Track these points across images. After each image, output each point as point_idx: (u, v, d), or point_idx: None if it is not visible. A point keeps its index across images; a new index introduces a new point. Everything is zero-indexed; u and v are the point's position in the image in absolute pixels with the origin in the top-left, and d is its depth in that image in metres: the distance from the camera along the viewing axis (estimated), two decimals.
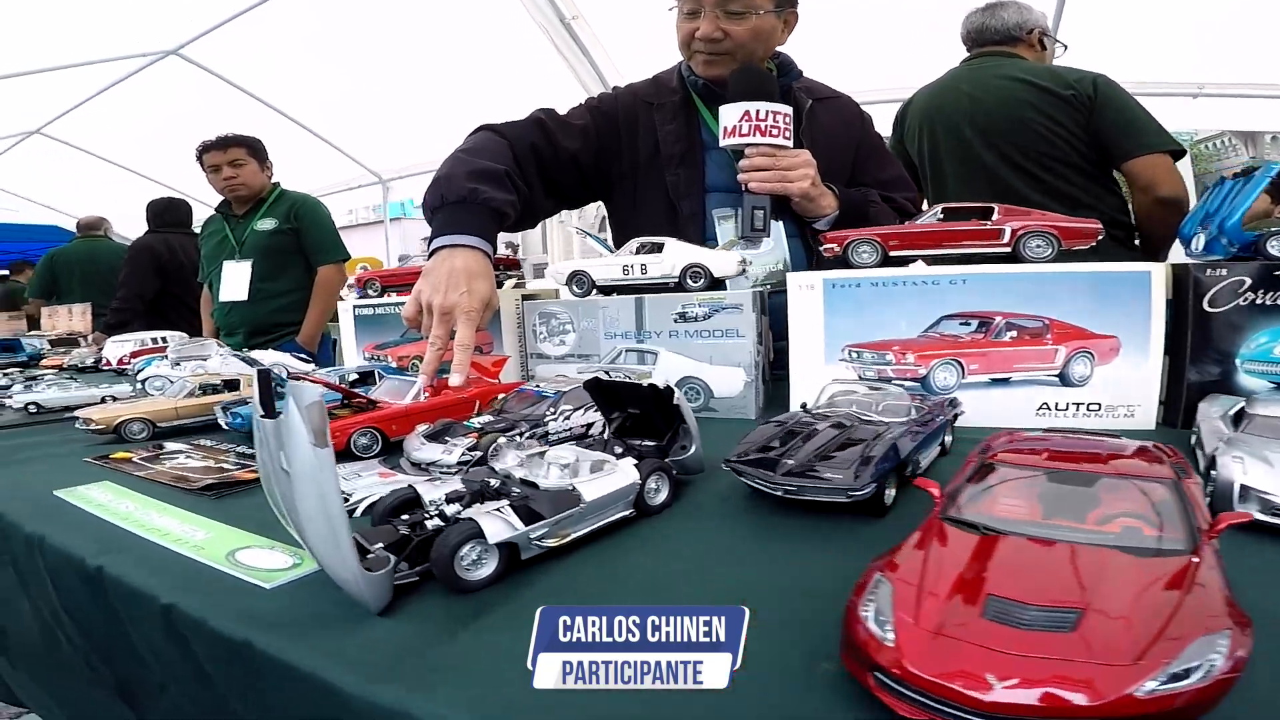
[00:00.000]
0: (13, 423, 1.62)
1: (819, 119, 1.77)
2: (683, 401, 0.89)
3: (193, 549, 0.76)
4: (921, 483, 0.66)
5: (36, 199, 8.02)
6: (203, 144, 3.38)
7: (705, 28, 1.60)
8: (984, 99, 2.41)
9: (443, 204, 1.45)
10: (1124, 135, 2.25)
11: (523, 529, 0.69)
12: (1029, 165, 2.36)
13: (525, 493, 0.74)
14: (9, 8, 4.26)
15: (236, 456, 1.23)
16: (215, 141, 3.37)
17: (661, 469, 0.87)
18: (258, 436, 0.68)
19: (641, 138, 1.78)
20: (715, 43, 1.62)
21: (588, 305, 1.46)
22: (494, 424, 1.10)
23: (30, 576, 0.92)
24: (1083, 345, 1.21)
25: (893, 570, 0.51)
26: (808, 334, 1.29)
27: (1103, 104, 2.26)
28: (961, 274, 1.23)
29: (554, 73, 4.30)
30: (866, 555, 0.67)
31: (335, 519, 0.54)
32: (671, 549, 0.76)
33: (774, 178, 1.52)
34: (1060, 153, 2.33)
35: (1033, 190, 2.35)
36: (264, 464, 0.66)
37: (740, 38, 1.61)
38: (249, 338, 3.42)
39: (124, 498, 0.99)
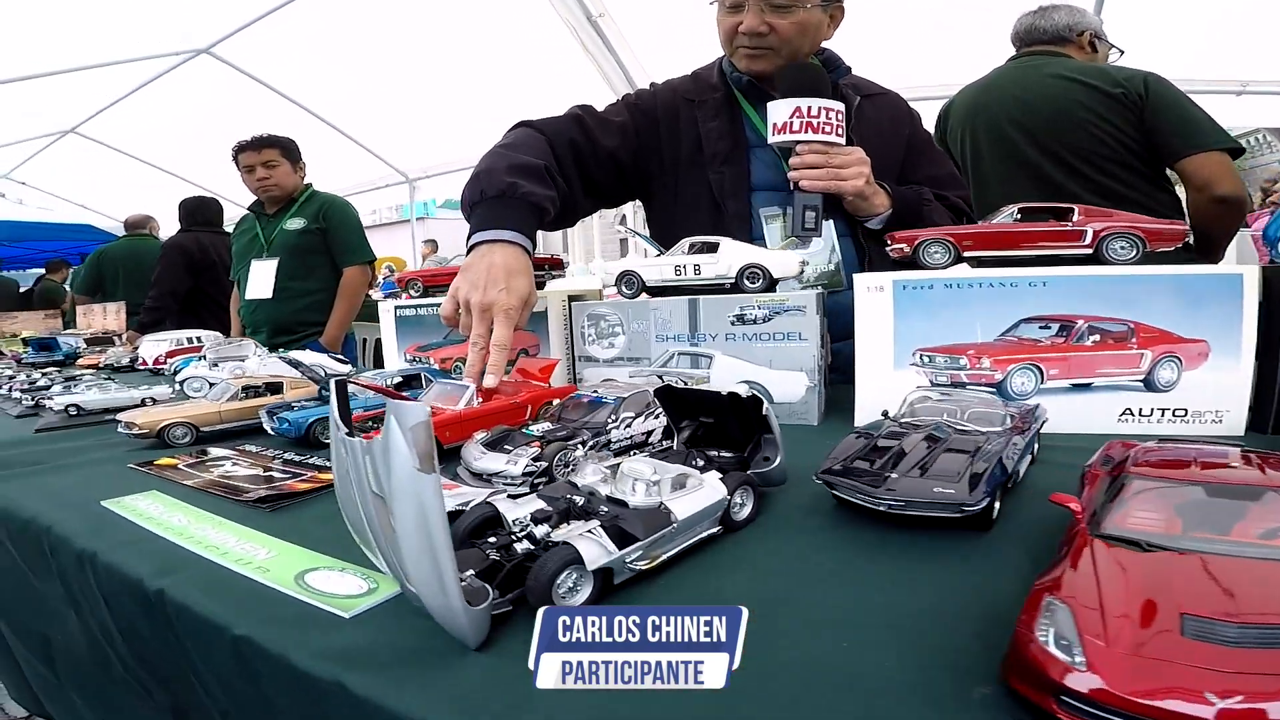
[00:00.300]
0: (53, 425, 1.59)
1: (867, 116, 1.71)
2: (771, 412, 0.83)
3: (258, 570, 0.72)
4: (1060, 498, 0.63)
5: (71, 198, 8.07)
6: (238, 144, 3.41)
7: (749, 21, 1.55)
8: (1029, 97, 2.35)
9: (481, 199, 1.40)
10: (1179, 133, 2.19)
11: (618, 552, 0.64)
12: (1077, 163, 2.30)
13: (614, 512, 0.69)
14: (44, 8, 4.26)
15: (283, 463, 1.19)
16: (250, 142, 3.39)
17: (748, 483, 0.82)
18: (336, 452, 0.63)
19: (683, 135, 1.73)
20: (759, 37, 1.57)
21: (638, 307, 1.41)
22: (555, 432, 1.05)
23: (80, 592, 0.88)
24: (1170, 350, 1.15)
25: (1062, 592, 0.49)
26: (875, 337, 1.24)
27: (1155, 102, 2.21)
28: (1042, 276, 1.17)
29: (580, 70, 4.25)
30: (974, 571, 0.66)
31: (440, 551, 0.49)
32: (766, 568, 0.71)
33: (826, 175, 1.47)
34: (1110, 151, 2.27)
35: (1081, 188, 2.29)
36: (342, 480, 0.62)
37: (785, 32, 1.56)
38: (272, 336, 3.41)
39: (175, 510, 0.95)
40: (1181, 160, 2.19)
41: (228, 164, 3.40)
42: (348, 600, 0.64)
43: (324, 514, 0.91)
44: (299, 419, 1.27)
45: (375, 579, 0.68)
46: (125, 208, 7.15)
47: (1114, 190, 2.27)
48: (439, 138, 5.78)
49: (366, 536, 0.58)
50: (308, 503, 0.97)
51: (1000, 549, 0.72)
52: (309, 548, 0.78)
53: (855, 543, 0.75)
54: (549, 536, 0.65)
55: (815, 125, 1.44)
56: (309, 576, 0.70)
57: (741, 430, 0.90)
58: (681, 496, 0.73)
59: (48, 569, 0.96)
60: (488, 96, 4.96)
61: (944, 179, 1.79)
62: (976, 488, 0.73)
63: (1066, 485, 0.81)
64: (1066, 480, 0.84)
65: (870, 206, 1.56)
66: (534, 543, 0.65)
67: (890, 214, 1.59)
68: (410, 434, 0.47)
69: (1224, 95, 3.69)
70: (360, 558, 0.71)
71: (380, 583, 0.67)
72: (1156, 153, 2.26)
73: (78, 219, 8.54)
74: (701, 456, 0.87)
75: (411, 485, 0.48)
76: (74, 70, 4.90)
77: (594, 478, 0.77)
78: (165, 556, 0.79)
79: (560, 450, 0.99)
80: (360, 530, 0.60)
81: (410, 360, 1.69)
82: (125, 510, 0.96)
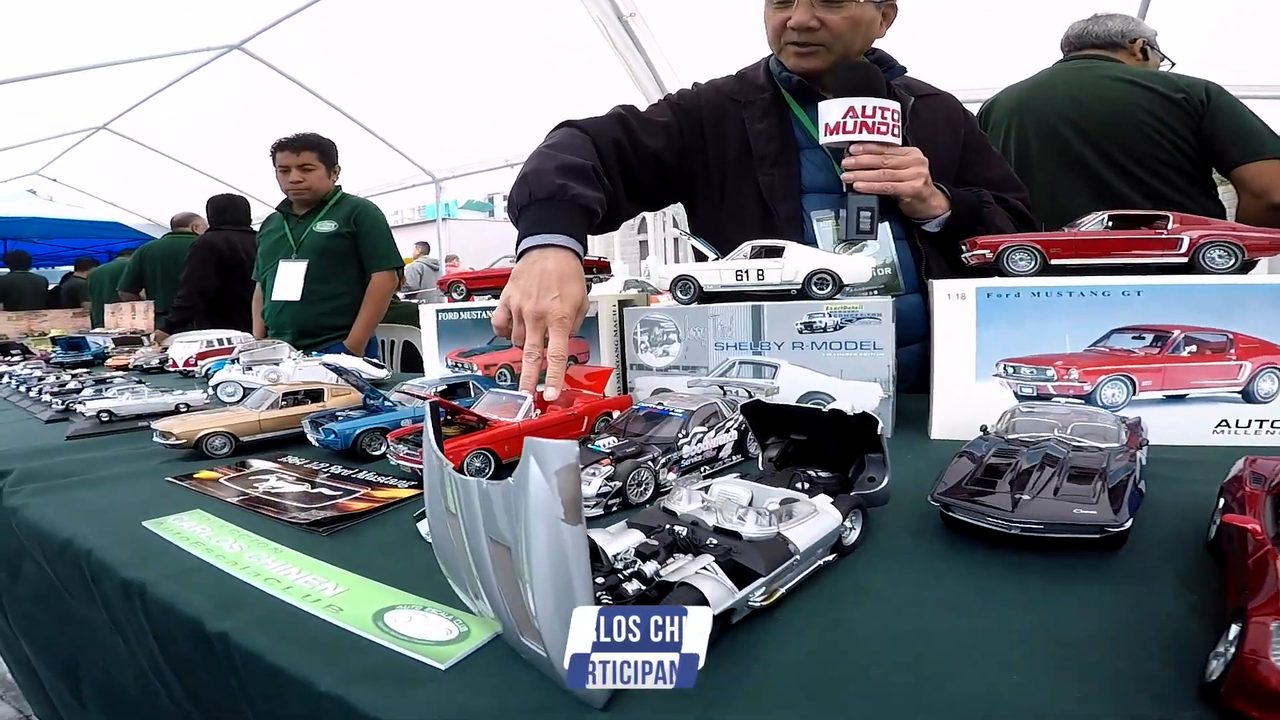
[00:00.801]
0: (85, 432, 1.54)
1: (922, 116, 1.64)
2: (884, 432, 0.77)
3: (329, 610, 0.65)
4: (1235, 519, 0.58)
5: (101, 195, 8.04)
6: (278, 141, 3.35)
7: (799, 16, 1.48)
8: (1085, 98, 2.29)
9: (530, 201, 1.34)
10: (1238, 141, 2.16)
11: (741, 592, 0.58)
12: (1130, 165, 2.25)
13: (727, 544, 0.63)
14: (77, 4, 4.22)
15: (330, 477, 1.13)
16: (289, 141, 3.33)
17: (859, 506, 0.75)
18: (431, 483, 0.57)
19: (729, 137, 1.65)
20: (810, 32, 1.49)
21: (695, 313, 1.34)
22: (624, 448, 0.98)
23: (126, 623, 0.82)
24: (1270, 361, 1.10)
25: None
26: (957, 347, 1.17)
27: (1215, 109, 2.17)
28: (1135, 285, 1.11)
29: (608, 71, 4.17)
30: (1119, 591, 0.63)
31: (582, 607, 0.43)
32: (891, 598, 0.65)
33: (882, 176, 1.41)
34: (1166, 155, 2.22)
35: (1133, 191, 2.24)
36: (438, 518, 0.55)
37: (837, 28, 1.48)
38: (296, 339, 3.32)
39: (224, 533, 0.89)
40: (1240, 167, 2.15)
41: (257, 162, 3.35)
42: (440, 648, 0.57)
43: (388, 539, 0.85)
44: (345, 430, 1.21)
45: (463, 620, 0.61)
46: (155, 205, 7.13)
47: (1164, 194, 2.22)
48: (465, 138, 5.72)
49: (473, 583, 0.52)
50: (367, 525, 0.91)
51: (1134, 566, 0.68)
52: (379, 580, 0.72)
53: (976, 566, 0.70)
54: (658, 574, 0.58)
55: (870, 125, 1.39)
56: (389, 617, 0.63)
57: (841, 448, 0.83)
58: (798, 524, 0.66)
59: (88, 594, 0.90)
60: (515, 97, 4.91)
61: (1001, 181, 1.72)
62: (1119, 508, 0.69)
63: (1179, 500, 0.82)
64: (1179, 494, 0.84)
65: (928, 208, 1.50)
66: (644, 582, 0.58)
67: (949, 216, 1.53)
68: (556, 479, 0.40)
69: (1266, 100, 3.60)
70: (441, 593, 0.65)
71: (470, 625, 0.60)
72: (1211, 160, 2.22)
73: (108, 217, 8.52)
74: (804, 478, 0.80)
75: (553, 537, 0.42)
76: (106, 65, 4.86)
77: (693, 505, 0.70)
78: (222, 591, 0.72)
79: (634, 469, 0.92)
80: (458, 571, 0.54)
81: (452, 366, 1.62)
82: (171, 534, 0.89)
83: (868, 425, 0.77)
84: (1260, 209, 2.12)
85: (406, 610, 0.64)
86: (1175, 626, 0.57)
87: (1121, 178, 2.26)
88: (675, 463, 0.99)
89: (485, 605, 0.55)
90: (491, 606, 0.50)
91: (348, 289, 3.39)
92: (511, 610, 0.48)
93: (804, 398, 1.26)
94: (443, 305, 1.64)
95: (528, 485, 0.41)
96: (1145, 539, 0.72)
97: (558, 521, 0.41)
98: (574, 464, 0.41)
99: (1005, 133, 2.47)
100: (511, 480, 0.43)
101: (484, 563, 0.47)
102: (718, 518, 0.67)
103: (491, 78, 4.80)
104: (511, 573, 0.45)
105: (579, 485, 0.42)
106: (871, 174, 1.41)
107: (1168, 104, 2.17)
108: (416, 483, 1.05)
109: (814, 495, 0.74)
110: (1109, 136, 2.24)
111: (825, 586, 0.67)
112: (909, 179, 1.43)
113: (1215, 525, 0.71)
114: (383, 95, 5.27)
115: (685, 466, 1.01)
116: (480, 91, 4.98)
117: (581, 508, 0.42)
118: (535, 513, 0.42)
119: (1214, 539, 0.70)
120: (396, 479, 1.08)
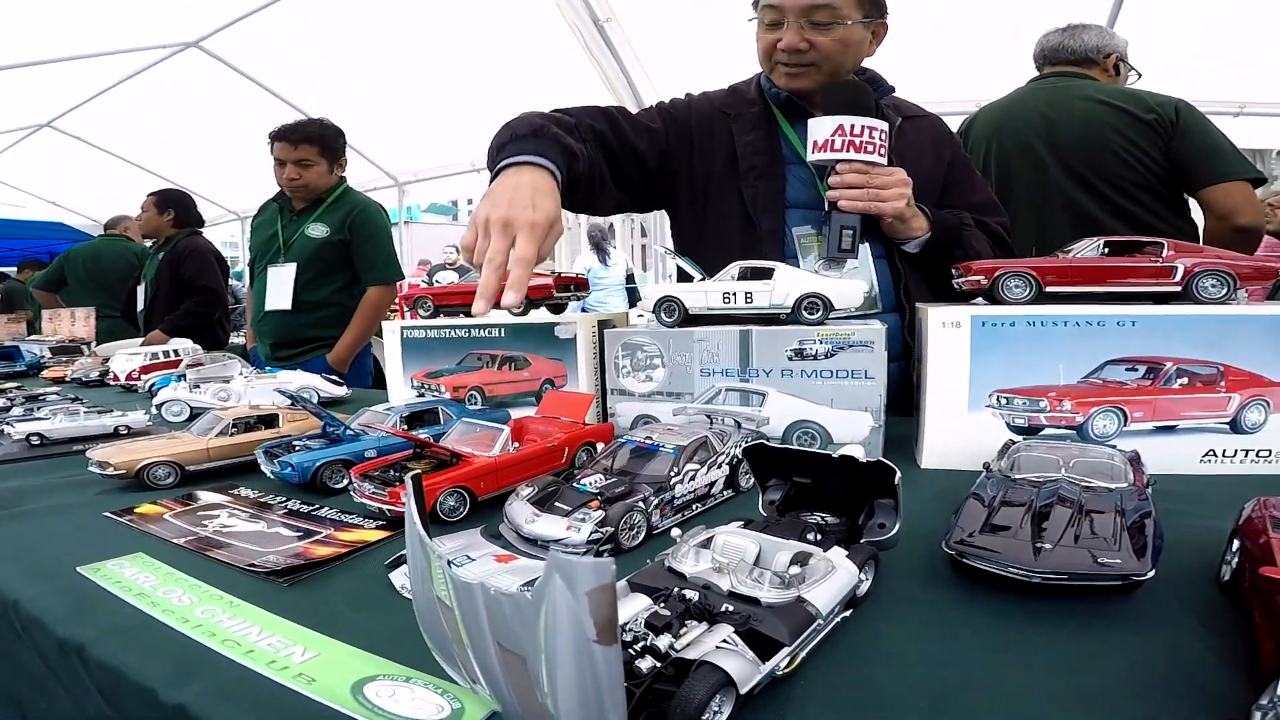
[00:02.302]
0: (12, 456, 1.41)
1: (908, 137, 1.65)
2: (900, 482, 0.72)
3: (300, 680, 0.58)
4: (1273, 572, 0.57)
5: (43, 195, 7.66)
6: (275, 130, 3.01)
7: (789, 38, 1.48)
8: (1060, 119, 2.30)
9: (511, 138, 1.30)
10: (1205, 161, 2.17)
11: (766, 667, 0.52)
12: (1103, 187, 2.27)
13: (744, 611, 0.57)
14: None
15: (287, 513, 1.04)
16: (287, 131, 2.98)
17: (873, 557, 0.71)
18: (416, 566, 0.51)
19: (716, 148, 1.65)
20: (799, 54, 1.50)
21: (681, 337, 1.29)
22: (612, 487, 0.92)
23: (69, 681, 0.72)
24: (1259, 393, 1.11)
25: None
26: (949, 377, 1.14)
27: (1184, 129, 2.19)
28: (1130, 315, 1.09)
29: (582, 76, 4.10)
30: (1135, 639, 0.62)
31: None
32: (912, 654, 0.62)
33: (866, 196, 1.40)
34: (1136, 176, 2.24)
35: (1105, 214, 2.27)
36: (427, 608, 0.48)
37: (826, 49, 1.49)
38: (275, 349, 3.09)
39: (172, 582, 0.80)
40: (1206, 188, 2.17)
41: (212, 162, 3.17)
42: None
43: (358, 591, 0.78)
44: (304, 462, 1.12)
45: (455, 694, 0.54)
46: (100, 205, 6.82)
47: (1136, 216, 2.24)
48: (430, 141, 5.58)
49: (470, 669, 0.45)
50: (333, 573, 0.83)
51: (1151, 610, 0.67)
52: (352, 643, 0.64)
53: (993, 615, 0.68)
54: (673, 649, 0.52)
55: (858, 144, 1.38)
56: (369, 690, 0.56)
57: (848, 491, 0.79)
58: (817, 585, 0.61)
59: (20, 643, 0.80)
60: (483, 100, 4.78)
61: (983, 205, 1.72)
62: (1143, 556, 0.67)
63: (1181, 535, 0.80)
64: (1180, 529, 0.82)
65: (908, 229, 1.50)
66: (658, 658, 0.52)
67: (928, 237, 1.52)
68: (588, 600, 0.34)
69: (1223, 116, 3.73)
70: (425, 660, 0.58)
71: (464, 700, 0.54)
72: (1180, 179, 2.23)
73: (49, 217, 8.11)
74: (813, 528, 0.75)
75: (583, 657, 0.35)
76: (54, 62, 4.60)
77: (701, 564, 0.64)
78: (176, 653, 0.64)
79: (626, 512, 0.86)
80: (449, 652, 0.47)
81: (418, 388, 1.54)
82: (110, 582, 0.80)
83: (882, 473, 0.72)
84: (1225, 231, 2.14)
85: (389, 682, 0.57)
86: (1204, 675, 0.56)
87: (1094, 200, 2.27)
88: (667, 503, 0.93)
89: (484, 690, 0.48)
90: (498, 700, 0.43)
91: (335, 300, 3.08)
92: (525, 709, 0.41)
93: (792, 427, 1.22)
94: (408, 322, 1.56)
95: (555, 607, 0.35)
96: (1156, 578, 0.70)
97: (589, 643, 0.35)
98: (609, 583, 0.35)
99: (985, 153, 2.49)
100: (529, 594, 0.37)
101: (489, 664, 0.40)
102: (731, 580, 0.61)
103: (459, 80, 4.68)
104: (526, 678, 0.38)
105: (615, 605, 0.35)
106: (856, 193, 1.40)
107: (1139, 125, 2.19)
108: (385, 523, 0.97)
109: (826, 546, 0.69)
110: (1081, 159, 2.25)
111: (841, 643, 0.62)
112: (892, 199, 1.42)
113: (1229, 566, 0.70)
114: (345, 96, 5.09)
115: (677, 505, 0.96)
116: (447, 93, 4.86)
117: (617, 627, 0.36)
118: (563, 634, 0.35)
119: (1228, 580, 0.70)
120: (362, 517, 1.00)
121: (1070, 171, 2.27)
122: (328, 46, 4.54)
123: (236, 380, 1.71)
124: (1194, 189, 2.21)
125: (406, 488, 0.48)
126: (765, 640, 0.55)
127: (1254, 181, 2.16)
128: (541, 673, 0.37)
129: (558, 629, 0.35)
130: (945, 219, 1.56)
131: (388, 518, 0.97)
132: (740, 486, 1.07)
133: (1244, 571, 0.67)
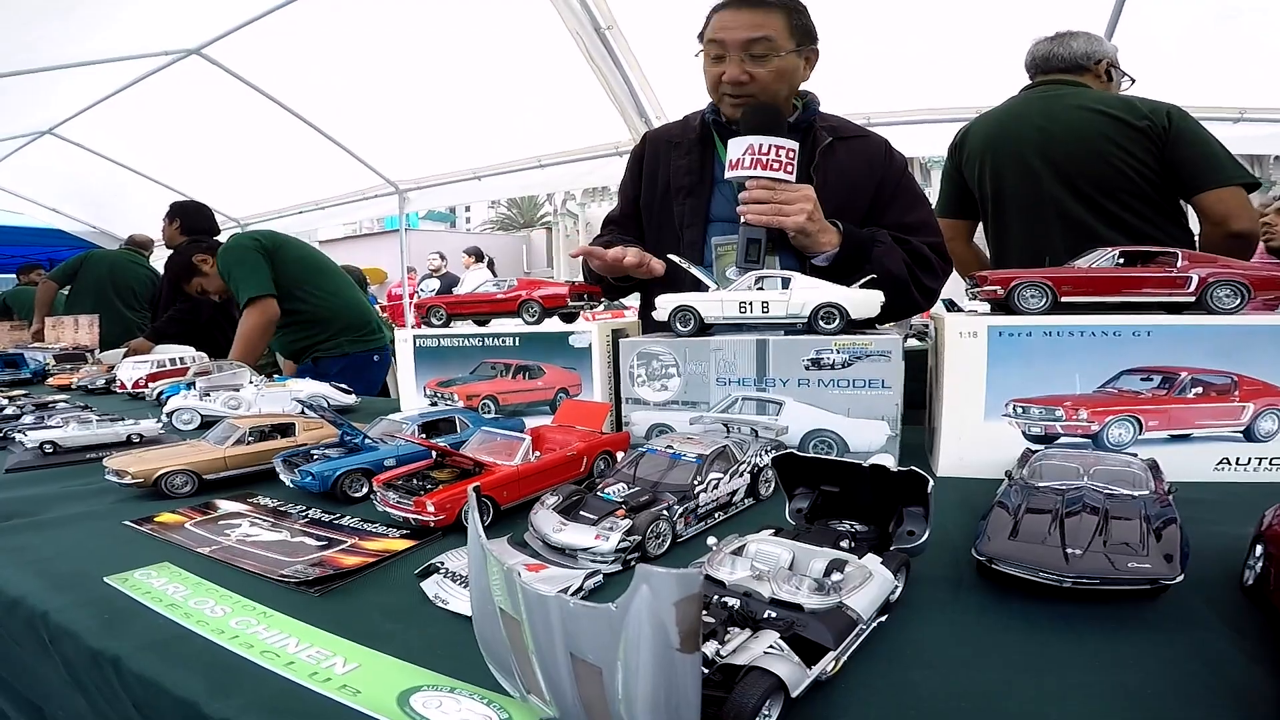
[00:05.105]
0: (26, 464, 1.40)
1: (837, 157, 1.73)
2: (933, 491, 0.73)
3: (345, 692, 0.58)
4: None
5: (43, 202, 7.62)
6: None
7: (731, 71, 1.61)
8: (1055, 129, 2.31)
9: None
10: (1200, 168, 2.16)
11: (814, 671, 0.53)
12: (1097, 196, 2.27)
13: (788, 617, 0.58)
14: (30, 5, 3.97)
15: (309, 523, 1.04)
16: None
17: (906, 564, 0.71)
18: (477, 579, 0.51)
19: (660, 173, 1.85)
20: (741, 85, 1.62)
21: (697, 346, 1.30)
22: (637, 495, 0.92)
23: (96, 690, 0.72)
24: (1272, 402, 1.12)
25: None
26: (966, 386, 1.15)
27: (1178, 136, 2.18)
28: (1146, 324, 1.10)
29: (584, 84, 4.08)
30: (1168, 641, 0.63)
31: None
32: (948, 657, 0.63)
33: (770, 210, 1.49)
34: (1131, 184, 2.24)
35: (1099, 222, 2.26)
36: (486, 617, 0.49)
37: (764, 80, 1.61)
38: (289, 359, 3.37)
39: (202, 592, 0.80)
40: (1200, 195, 2.17)
41: (213, 169, 3.18)
42: None
43: (391, 602, 0.77)
44: (325, 471, 1.12)
45: (502, 704, 0.55)
46: (99, 212, 6.77)
47: (1131, 224, 2.24)
48: (431, 148, 5.56)
49: (529, 678, 0.45)
50: (362, 584, 0.83)
51: (1178, 613, 0.69)
52: (391, 653, 0.64)
53: (1024, 617, 0.69)
54: (719, 655, 0.53)
55: (764, 162, 1.46)
56: (415, 700, 0.56)
57: (876, 499, 0.79)
58: (856, 591, 0.62)
59: (45, 654, 0.80)
60: (485, 108, 4.79)
61: (916, 225, 1.75)
62: (1172, 560, 0.68)
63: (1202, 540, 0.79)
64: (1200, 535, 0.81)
65: (814, 243, 1.55)
66: (705, 665, 0.52)
67: (836, 252, 1.58)
68: (675, 610, 0.35)
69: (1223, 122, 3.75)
70: (468, 670, 0.58)
71: (511, 711, 0.54)
72: (1174, 185, 2.23)
73: (49, 224, 8.08)
74: (846, 535, 0.76)
75: (664, 665, 0.36)
76: (56, 69, 4.58)
77: (740, 572, 0.65)
78: (214, 666, 0.64)
79: (653, 520, 0.87)
80: (506, 663, 0.47)
81: (431, 396, 1.54)
82: (139, 593, 0.80)
83: (912, 481, 0.73)
84: (1220, 237, 2.14)
85: (434, 693, 0.57)
86: (1236, 674, 0.58)
87: (1088, 209, 2.28)
88: (691, 511, 0.94)
89: (537, 701, 0.49)
90: (560, 712, 0.44)
91: (288, 311, 3.20)
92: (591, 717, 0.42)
93: (809, 436, 1.23)
94: (420, 331, 1.56)
95: (640, 613, 0.35)
96: (1180, 583, 0.71)
97: (672, 651, 0.36)
98: (697, 593, 0.36)
99: (980, 166, 2.50)
100: (614, 606, 0.37)
101: (557, 675, 0.41)
102: (772, 588, 0.62)
103: (461, 87, 4.66)
104: (599, 689, 0.39)
105: (700, 614, 0.36)
106: (761, 208, 1.48)
107: (1133, 132, 2.19)
108: (409, 531, 0.97)
109: (860, 553, 0.69)
110: (1077, 168, 2.25)
111: (878, 647, 0.63)
112: (793, 214, 1.48)
113: (1252, 571, 0.72)
114: (347, 103, 5.07)
115: (700, 514, 0.96)
116: (448, 101, 4.83)
117: (700, 636, 0.37)
118: (645, 644, 0.36)
119: (1252, 585, 0.71)
120: (385, 526, 1.00)
121: (1067, 183, 2.27)
122: (330, 54, 4.52)
123: (246, 388, 1.71)
124: (1188, 195, 2.21)
125: (469, 499, 0.48)
126: (808, 645, 0.56)
127: (1248, 186, 2.17)
128: (618, 682, 0.38)
129: (641, 638, 0.36)
130: (857, 235, 1.60)
131: (412, 526, 0.97)
132: (761, 495, 1.07)
133: (1269, 576, 0.68)
